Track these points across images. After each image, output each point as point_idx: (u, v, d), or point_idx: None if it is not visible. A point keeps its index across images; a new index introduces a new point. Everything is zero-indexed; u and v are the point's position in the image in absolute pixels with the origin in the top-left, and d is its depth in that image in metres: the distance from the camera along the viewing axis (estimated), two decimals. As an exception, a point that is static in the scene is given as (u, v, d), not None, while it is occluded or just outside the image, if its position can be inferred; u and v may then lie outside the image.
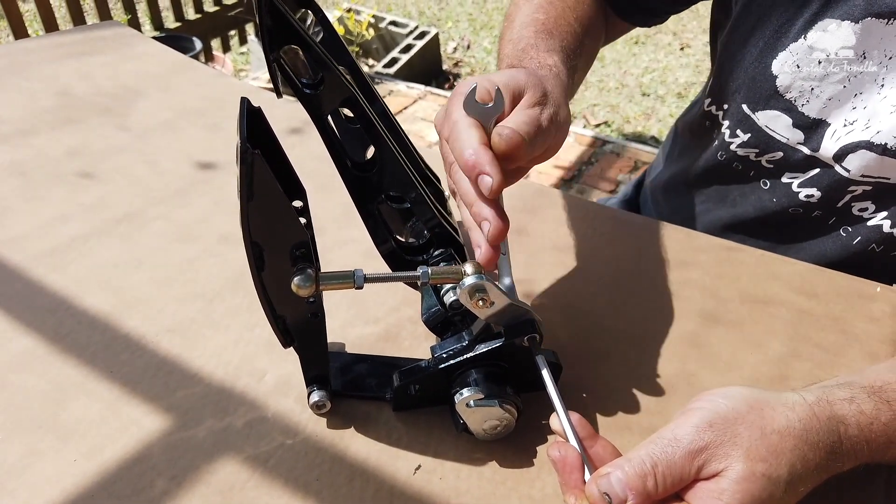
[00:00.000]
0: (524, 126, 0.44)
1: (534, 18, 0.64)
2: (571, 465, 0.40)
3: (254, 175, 0.36)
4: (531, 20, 0.64)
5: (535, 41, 0.60)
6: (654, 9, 0.75)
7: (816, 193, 0.68)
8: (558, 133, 0.48)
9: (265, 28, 0.42)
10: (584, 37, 0.67)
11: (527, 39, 0.61)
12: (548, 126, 0.46)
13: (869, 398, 0.41)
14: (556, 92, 0.50)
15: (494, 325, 0.46)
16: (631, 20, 0.77)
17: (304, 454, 0.47)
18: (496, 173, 0.42)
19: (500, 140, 0.43)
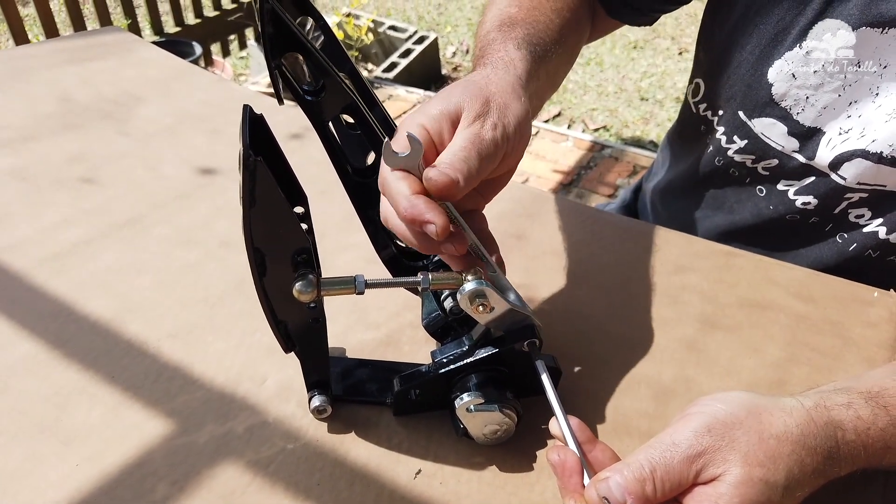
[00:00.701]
0: (460, 153, 0.42)
1: (504, 12, 0.62)
2: (571, 469, 0.40)
3: (256, 182, 0.36)
4: (500, 14, 0.62)
5: (495, 35, 0.57)
6: (640, 7, 0.74)
7: (813, 201, 0.68)
8: (513, 136, 0.46)
9: (267, 35, 0.43)
10: (563, 28, 0.64)
11: (489, 35, 0.58)
12: (493, 136, 0.44)
13: (866, 403, 0.42)
14: (500, 90, 0.48)
15: (494, 330, 0.47)
16: (617, 16, 0.76)
17: (304, 459, 0.48)
18: (437, 217, 0.40)
19: (428, 184, 0.41)
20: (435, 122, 0.44)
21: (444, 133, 0.44)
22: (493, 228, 0.69)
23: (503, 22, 0.60)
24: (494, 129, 0.45)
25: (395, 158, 0.41)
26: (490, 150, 0.44)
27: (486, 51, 0.56)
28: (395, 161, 0.41)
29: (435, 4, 4.08)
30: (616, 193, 2.32)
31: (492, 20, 0.61)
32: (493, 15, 0.62)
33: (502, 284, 0.46)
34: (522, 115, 0.47)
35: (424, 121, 0.44)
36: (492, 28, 0.59)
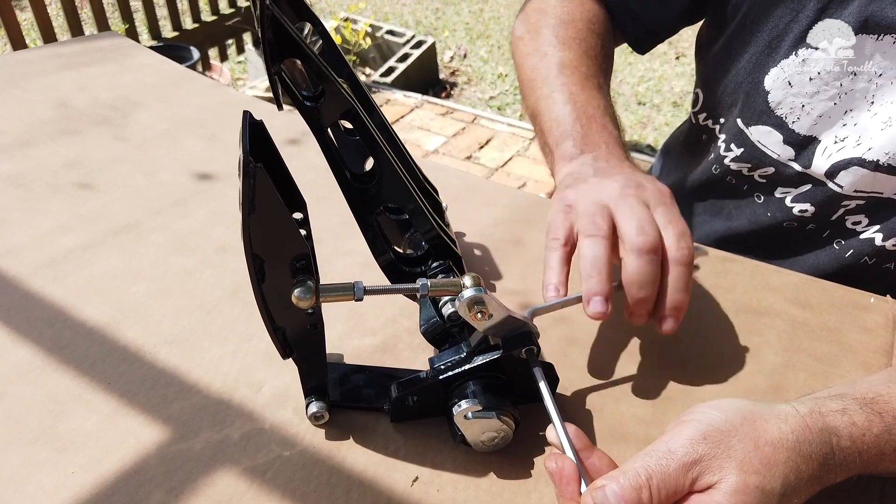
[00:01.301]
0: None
1: (567, 58, 0.66)
2: (568, 476, 0.40)
3: (256, 188, 0.36)
4: (565, 59, 0.66)
5: (600, 110, 0.63)
6: (659, 32, 0.76)
7: (810, 208, 0.69)
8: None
9: (267, 41, 0.43)
10: (607, 72, 0.70)
11: (589, 104, 0.63)
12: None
13: (861, 410, 0.42)
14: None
15: (492, 337, 0.47)
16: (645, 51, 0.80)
17: (301, 466, 0.47)
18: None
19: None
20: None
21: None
22: (490, 234, 0.70)
23: (585, 82, 0.66)
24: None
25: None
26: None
27: (596, 123, 0.62)
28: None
29: (433, 9, 4.09)
30: (613, 198, 2.32)
31: (563, 67, 0.67)
32: (554, 56, 0.68)
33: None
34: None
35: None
36: (577, 90, 0.65)
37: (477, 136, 2.72)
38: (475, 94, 3.24)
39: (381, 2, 4.18)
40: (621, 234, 0.49)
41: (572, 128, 0.61)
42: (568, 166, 0.59)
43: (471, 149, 2.64)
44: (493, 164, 2.55)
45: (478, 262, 0.67)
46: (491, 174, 2.49)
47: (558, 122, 0.62)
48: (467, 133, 2.74)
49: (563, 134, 0.61)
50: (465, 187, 0.78)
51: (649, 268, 0.48)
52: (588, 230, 0.50)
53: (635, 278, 0.48)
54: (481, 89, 3.28)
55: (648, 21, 0.76)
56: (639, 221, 0.49)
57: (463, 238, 0.69)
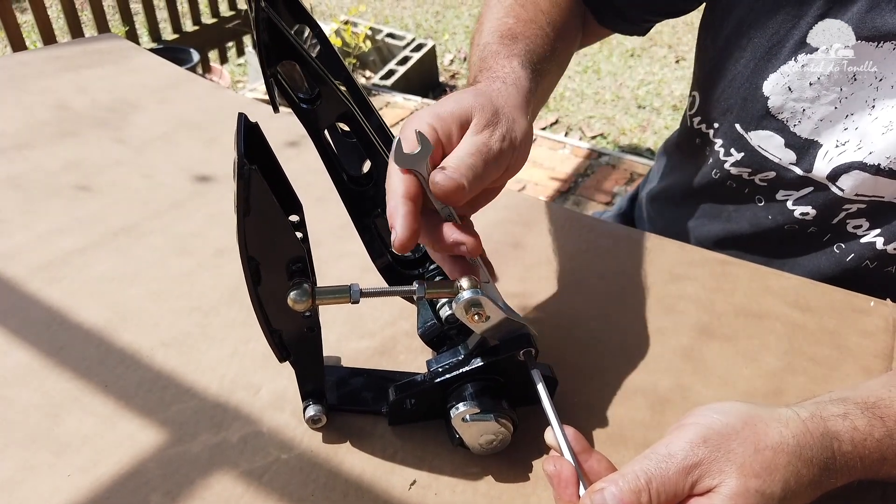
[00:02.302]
0: (467, 159, 0.43)
1: (502, 23, 0.62)
2: (566, 479, 0.40)
3: (251, 190, 0.36)
4: (499, 25, 0.62)
5: (496, 48, 0.58)
6: (631, 18, 0.75)
7: (811, 211, 0.68)
8: (517, 151, 0.47)
9: (262, 44, 0.43)
10: (556, 41, 0.65)
11: (490, 47, 0.58)
12: (500, 147, 0.45)
13: (862, 414, 0.41)
14: (508, 105, 0.49)
15: (490, 340, 0.46)
16: (608, 26, 0.76)
17: (299, 469, 0.47)
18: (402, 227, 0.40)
19: (435, 188, 0.42)
20: (444, 123, 0.45)
21: (452, 135, 0.45)
22: (489, 236, 0.70)
23: (503, 34, 0.60)
24: (502, 140, 0.45)
25: (403, 156, 0.42)
26: (496, 161, 0.45)
27: (488, 62, 0.56)
28: (403, 159, 0.42)
29: (433, 12, 4.10)
30: (613, 201, 2.33)
31: (490, 30, 0.61)
32: (490, 25, 0.62)
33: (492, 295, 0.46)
34: (527, 131, 0.49)
35: (433, 121, 0.44)
36: (492, 39, 0.60)
37: (477, 138, 2.71)
38: (475, 96, 3.24)
39: (381, 5, 4.19)
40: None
41: (471, 72, 0.58)
42: None
43: (471, 151, 2.64)
44: (493, 167, 2.54)
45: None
46: (491, 177, 2.48)
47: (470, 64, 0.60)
48: (467, 136, 2.73)
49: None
50: (464, 190, 0.77)
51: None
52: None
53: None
54: (481, 92, 3.28)
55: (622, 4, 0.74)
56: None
57: (462, 240, 0.69)
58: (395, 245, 0.41)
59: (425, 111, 0.46)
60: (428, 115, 0.45)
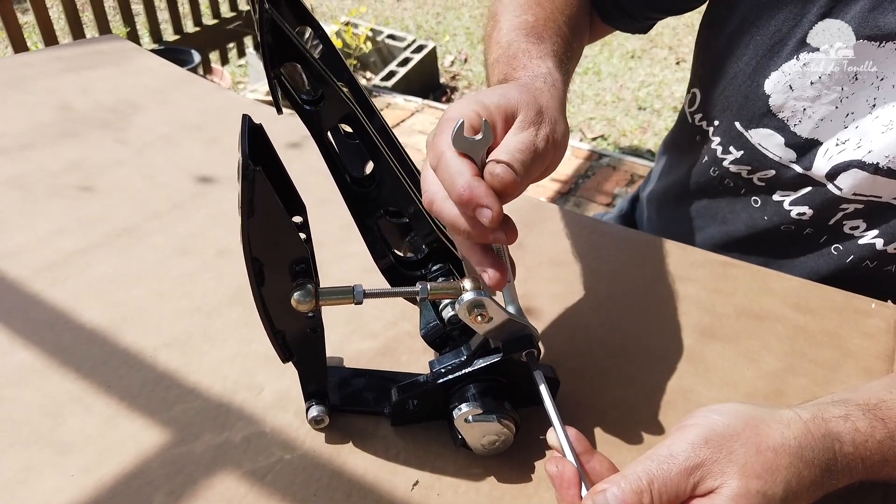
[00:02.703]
0: (518, 154, 0.42)
1: (523, 20, 0.61)
2: (568, 480, 0.40)
3: (255, 191, 0.36)
4: (520, 22, 0.61)
5: (525, 45, 0.57)
6: (634, 14, 0.75)
7: (808, 211, 0.68)
8: (556, 151, 0.47)
9: (266, 45, 0.43)
10: (573, 39, 0.65)
11: (517, 44, 0.58)
12: (545, 147, 0.45)
13: (864, 415, 0.42)
14: (551, 106, 0.48)
15: (493, 341, 0.47)
16: (611, 22, 0.76)
17: (302, 469, 0.47)
18: (494, 204, 0.40)
19: (493, 179, 0.41)
20: (491, 115, 0.44)
21: (498, 127, 0.44)
22: (491, 238, 0.70)
23: (528, 32, 0.59)
24: (546, 140, 0.45)
25: (464, 141, 0.41)
26: (540, 160, 0.44)
27: (521, 61, 0.55)
28: (465, 144, 0.41)
29: (433, 14, 4.10)
30: (614, 202, 2.33)
31: (512, 27, 0.61)
32: (510, 22, 0.61)
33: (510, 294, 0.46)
34: (566, 134, 0.48)
35: (480, 109, 0.44)
36: (516, 37, 0.59)
37: (477, 139, 2.72)
38: (476, 98, 3.24)
39: (381, 6, 4.19)
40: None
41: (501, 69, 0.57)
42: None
43: (471, 153, 2.64)
44: (494, 168, 2.54)
45: (478, 266, 0.67)
46: (491, 178, 2.48)
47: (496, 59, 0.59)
48: (468, 137, 2.73)
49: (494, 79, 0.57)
50: (466, 191, 0.77)
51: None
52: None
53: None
54: (482, 93, 3.28)
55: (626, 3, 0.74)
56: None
57: (463, 242, 0.69)
58: (492, 221, 0.40)
59: (471, 99, 0.45)
60: (474, 104, 0.44)
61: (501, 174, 0.41)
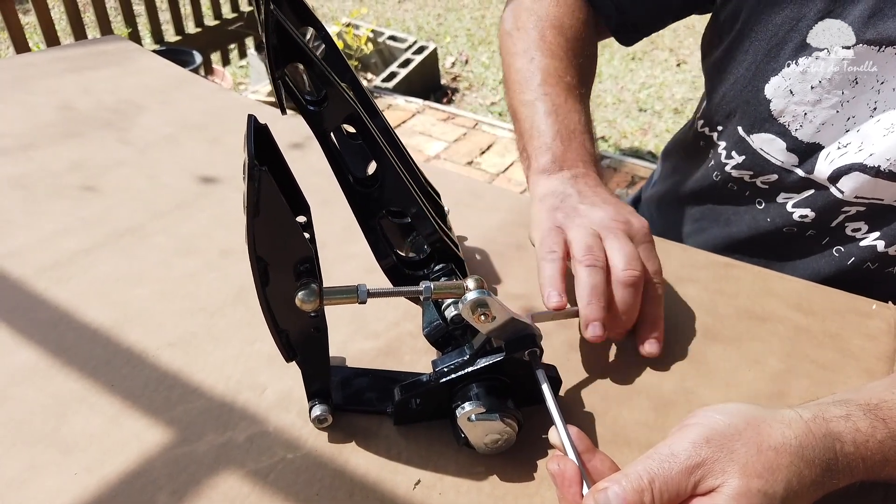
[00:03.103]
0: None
1: (553, 68, 0.68)
2: (570, 479, 0.40)
3: (261, 191, 0.36)
4: (550, 69, 0.68)
5: (580, 126, 0.65)
6: (645, 31, 0.77)
7: (810, 214, 0.69)
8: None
9: (271, 46, 0.43)
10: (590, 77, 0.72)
11: (570, 118, 0.65)
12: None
13: (865, 416, 0.42)
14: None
15: (495, 340, 0.47)
16: (626, 42, 0.79)
17: (304, 469, 0.47)
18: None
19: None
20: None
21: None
22: (492, 238, 0.70)
23: (569, 94, 0.67)
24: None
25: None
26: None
27: (575, 139, 0.64)
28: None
29: (434, 15, 4.10)
30: (614, 204, 2.32)
31: (548, 76, 0.68)
32: (542, 76, 0.68)
33: None
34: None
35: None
36: (560, 102, 0.66)
37: (478, 141, 2.73)
38: (476, 99, 3.25)
39: (382, 7, 4.20)
40: (612, 265, 0.54)
41: (552, 142, 0.64)
42: (547, 181, 0.62)
43: (472, 154, 2.65)
44: (494, 170, 2.55)
45: (479, 266, 0.67)
46: (492, 179, 2.49)
47: (539, 132, 0.65)
48: (468, 138, 2.74)
49: (543, 146, 0.64)
50: (467, 192, 0.78)
51: (634, 299, 0.54)
52: (587, 259, 0.53)
53: (623, 307, 0.53)
54: (482, 95, 3.29)
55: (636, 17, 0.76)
56: (627, 256, 0.54)
57: (465, 242, 0.69)
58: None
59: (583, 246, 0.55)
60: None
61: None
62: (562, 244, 0.56)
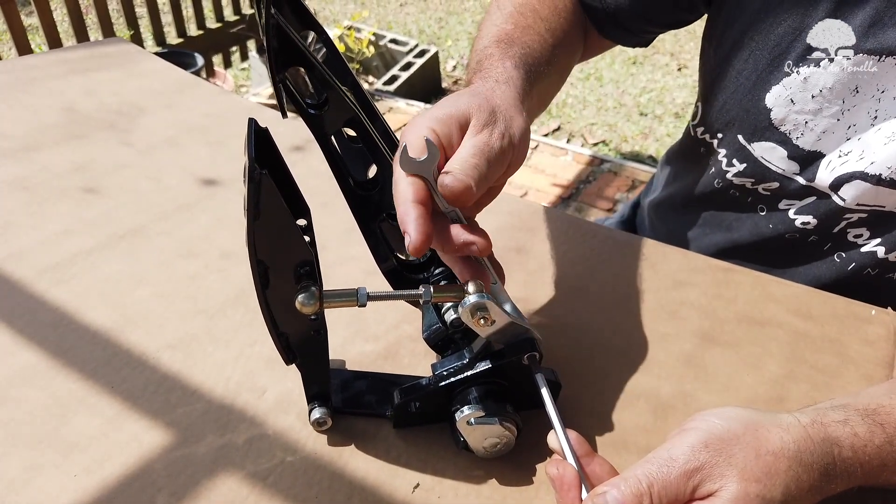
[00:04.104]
0: (471, 160, 0.44)
1: (500, 29, 0.63)
2: (569, 483, 0.40)
3: (261, 194, 0.37)
4: (497, 31, 0.63)
5: (493, 51, 0.59)
6: (631, 28, 0.75)
7: (812, 220, 0.69)
8: (516, 148, 0.48)
9: (272, 50, 0.43)
10: (555, 47, 0.66)
11: (487, 50, 0.59)
12: (501, 145, 0.46)
13: (863, 421, 0.42)
14: (505, 103, 0.49)
15: (495, 343, 0.47)
16: (609, 37, 0.77)
17: (303, 471, 0.48)
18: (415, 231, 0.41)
19: (445, 190, 0.42)
20: (444, 126, 0.45)
21: (452, 137, 0.45)
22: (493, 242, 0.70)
23: (500, 38, 0.61)
24: (502, 138, 0.46)
25: (412, 163, 0.42)
26: (499, 159, 0.45)
27: (483, 64, 0.57)
28: (411, 166, 0.42)
29: (436, 18, 4.11)
30: (615, 208, 2.33)
31: (488, 35, 0.62)
32: (488, 30, 0.63)
33: (500, 297, 0.47)
34: (525, 128, 0.49)
35: (434, 124, 0.45)
36: (489, 43, 0.60)
37: (479, 144, 2.72)
38: (478, 102, 3.25)
39: (384, 10, 4.20)
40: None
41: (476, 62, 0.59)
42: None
43: (473, 157, 2.64)
44: (495, 173, 2.55)
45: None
46: (493, 182, 2.49)
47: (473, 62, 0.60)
48: (470, 141, 2.74)
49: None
50: (468, 195, 0.78)
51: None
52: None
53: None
54: (484, 98, 3.28)
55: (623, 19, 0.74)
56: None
57: (465, 246, 0.69)
58: (410, 248, 0.41)
59: (423, 116, 0.46)
60: (427, 120, 0.46)
61: (449, 184, 0.42)
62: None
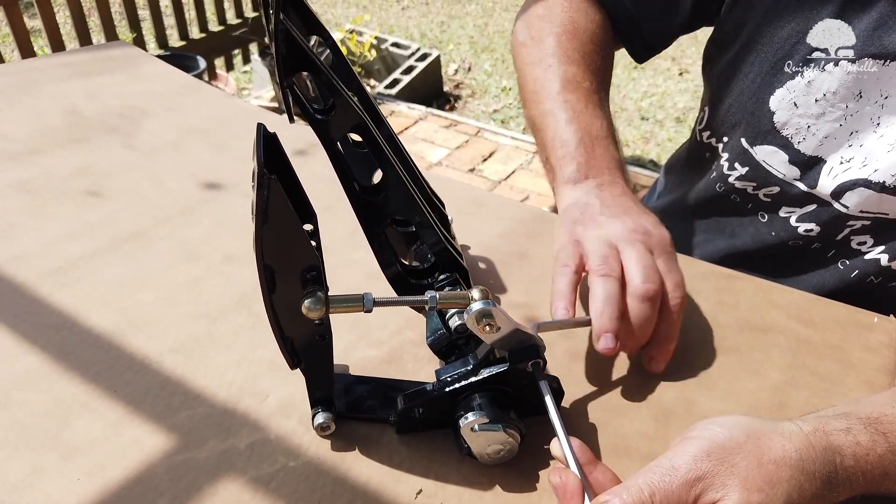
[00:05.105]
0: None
1: (571, 75, 0.67)
2: (572, 491, 0.40)
3: (270, 199, 0.37)
4: (568, 76, 0.67)
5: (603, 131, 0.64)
6: (656, 45, 0.77)
7: (815, 228, 0.69)
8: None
9: (280, 55, 0.43)
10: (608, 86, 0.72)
11: (593, 124, 0.64)
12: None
13: (865, 429, 0.42)
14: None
15: (499, 350, 0.47)
16: (644, 60, 0.80)
17: (306, 476, 0.48)
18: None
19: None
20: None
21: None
22: (495, 248, 0.70)
23: (589, 99, 0.66)
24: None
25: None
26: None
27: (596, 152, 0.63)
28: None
29: (437, 22, 4.12)
30: (615, 213, 2.33)
31: (567, 83, 0.67)
32: (560, 74, 0.68)
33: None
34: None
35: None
36: (578, 101, 0.66)
37: (480, 148, 2.73)
38: (479, 106, 3.26)
39: (386, 14, 4.21)
40: (628, 277, 0.53)
41: (576, 150, 0.62)
42: (573, 191, 0.61)
43: (474, 161, 2.65)
44: (497, 177, 2.56)
45: (483, 275, 0.67)
46: (494, 187, 2.50)
47: (562, 141, 0.63)
48: (471, 146, 2.75)
49: (567, 155, 0.63)
50: (470, 200, 0.78)
51: (650, 313, 0.52)
52: (602, 269, 0.52)
53: (637, 322, 0.52)
54: (485, 102, 3.30)
55: (648, 34, 0.76)
56: (645, 269, 0.52)
57: (468, 251, 0.70)
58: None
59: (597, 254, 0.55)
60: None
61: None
62: (576, 257, 0.55)
